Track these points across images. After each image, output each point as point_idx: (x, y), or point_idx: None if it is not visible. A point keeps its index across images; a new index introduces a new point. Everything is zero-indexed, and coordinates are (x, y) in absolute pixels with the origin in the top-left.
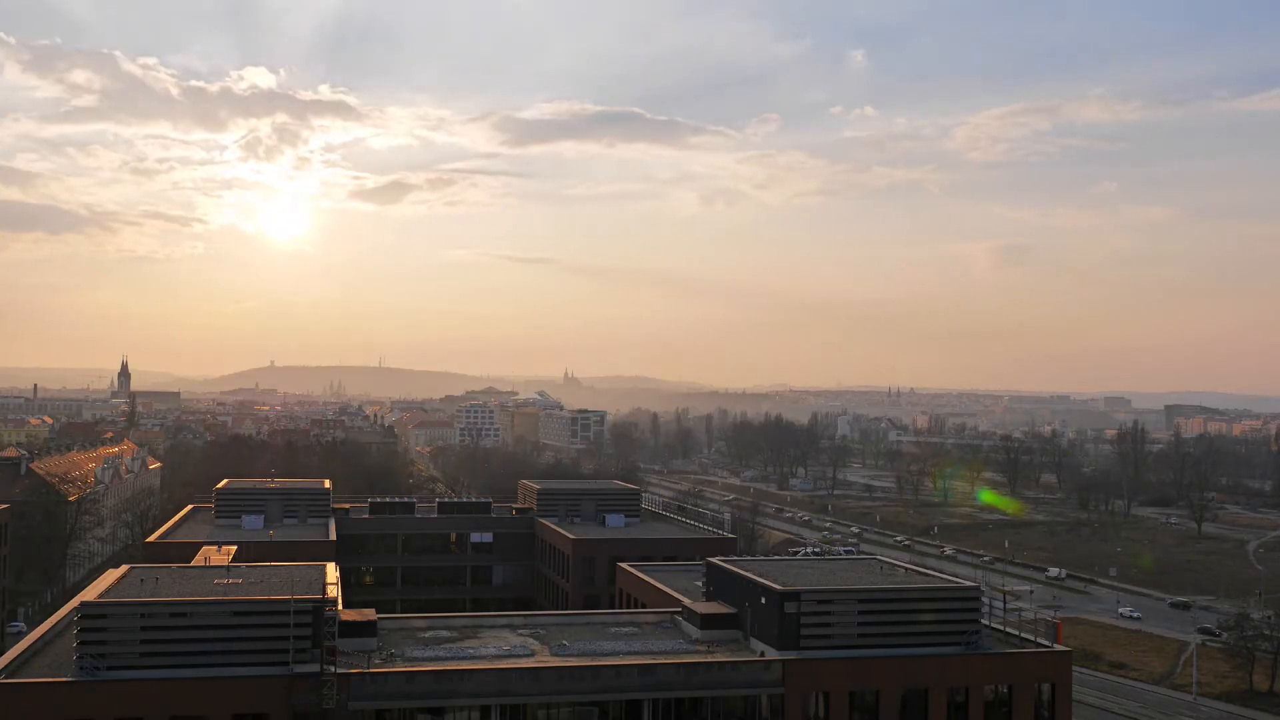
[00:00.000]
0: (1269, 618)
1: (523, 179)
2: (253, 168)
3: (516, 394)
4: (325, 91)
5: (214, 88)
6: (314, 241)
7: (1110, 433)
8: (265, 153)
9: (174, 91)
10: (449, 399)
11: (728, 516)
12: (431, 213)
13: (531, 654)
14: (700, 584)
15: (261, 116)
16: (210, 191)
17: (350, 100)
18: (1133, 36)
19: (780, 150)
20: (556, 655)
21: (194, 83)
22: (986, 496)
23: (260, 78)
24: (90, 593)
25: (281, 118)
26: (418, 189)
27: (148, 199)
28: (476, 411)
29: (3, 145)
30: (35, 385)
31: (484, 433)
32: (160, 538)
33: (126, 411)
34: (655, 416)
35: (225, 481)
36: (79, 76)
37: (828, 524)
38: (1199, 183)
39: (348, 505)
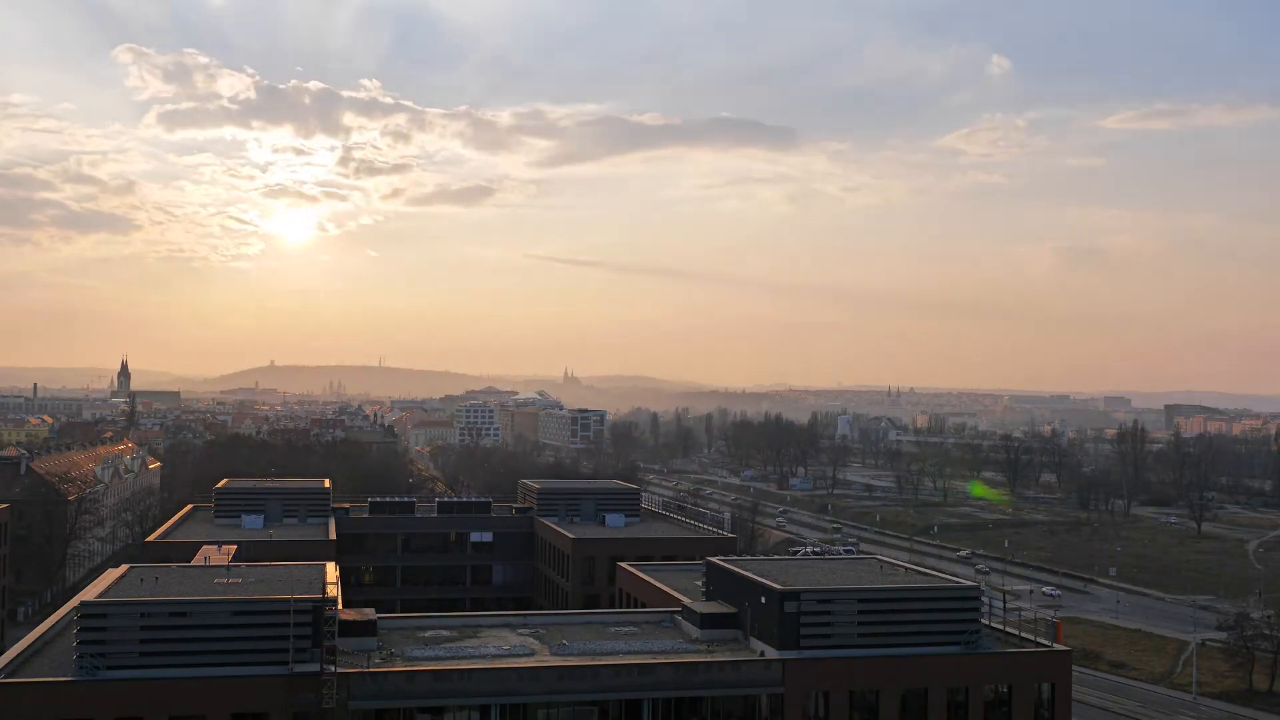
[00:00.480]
0: (1269, 617)
1: (614, 182)
2: (349, 170)
3: (516, 393)
4: (449, 99)
5: (344, 94)
6: (377, 244)
7: (1110, 432)
8: (367, 156)
9: (305, 100)
10: (449, 398)
11: (728, 516)
12: (509, 215)
13: (531, 653)
14: (700, 584)
15: (377, 118)
16: (298, 193)
17: (467, 107)
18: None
19: (888, 155)
20: (556, 655)
21: (315, 84)
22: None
23: (388, 86)
24: (90, 592)
25: (398, 121)
26: (502, 192)
27: (236, 201)
28: (476, 411)
29: (114, 147)
30: (35, 385)
31: (484, 432)
32: (160, 537)
33: (126, 411)
34: (655, 416)
35: (225, 481)
36: (220, 85)
37: (831, 523)
38: (1258, 185)
39: (348, 505)
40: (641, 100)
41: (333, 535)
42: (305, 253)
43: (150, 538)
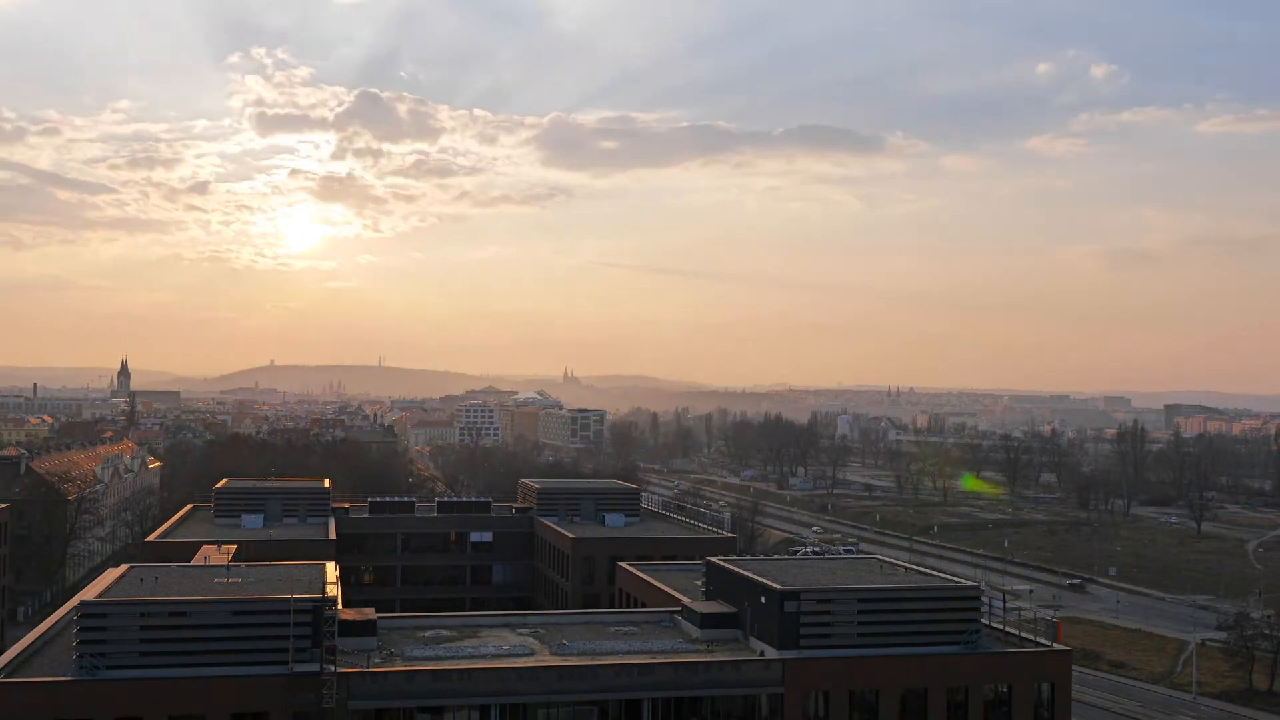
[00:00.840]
0: (1269, 617)
1: (678, 187)
2: (423, 173)
3: (516, 393)
4: (547, 103)
5: (440, 108)
6: (427, 246)
7: (1110, 432)
8: (445, 160)
9: (401, 110)
10: (449, 398)
11: (727, 516)
12: (565, 218)
13: (531, 653)
14: (700, 583)
15: (467, 124)
16: (366, 195)
17: (560, 113)
18: None
19: (965, 159)
20: (556, 655)
21: (410, 96)
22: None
23: (491, 90)
24: (90, 592)
25: (489, 126)
26: (565, 195)
27: (300, 202)
28: (476, 411)
29: (197, 152)
30: (35, 385)
31: (484, 432)
32: (160, 537)
33: (126, 411)
34: (655, 416)
35: (225, 481)
36: (323, 92)
37: (828, 520)
38: None
39: (348, 505)
40: (739, 107)
41: (333, 535)
42: (349, 253)
43: (150, 538)
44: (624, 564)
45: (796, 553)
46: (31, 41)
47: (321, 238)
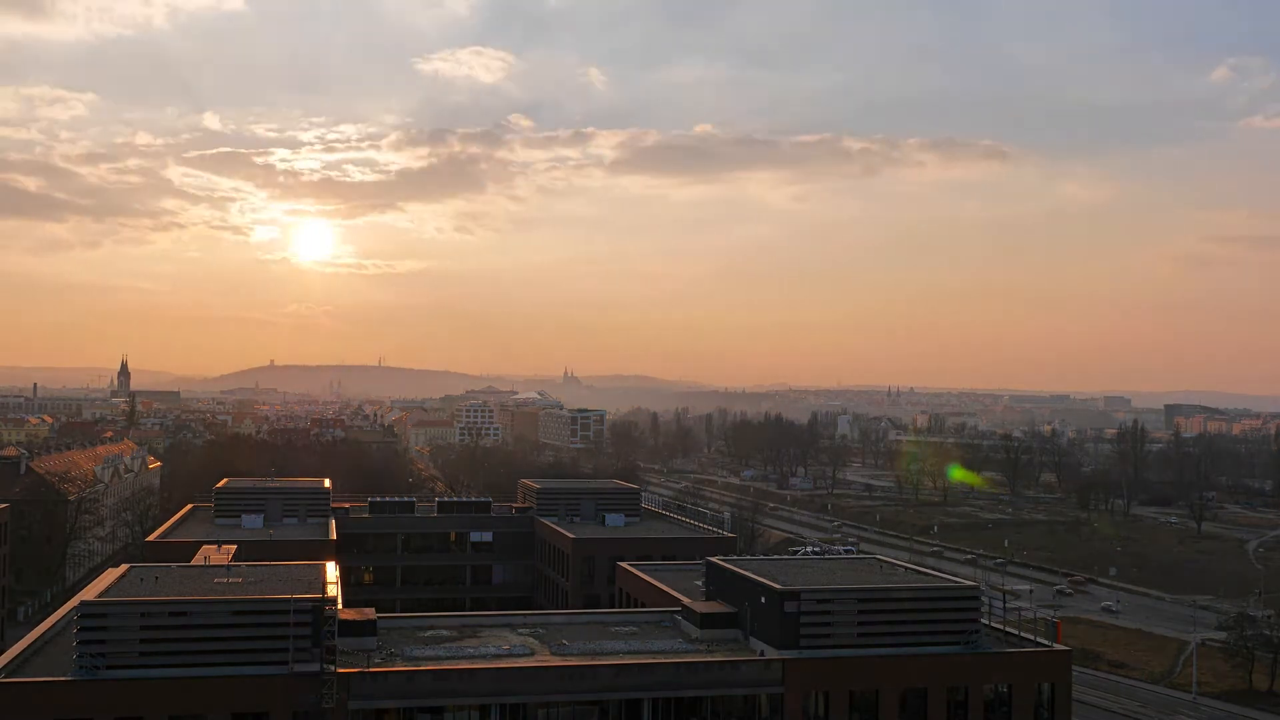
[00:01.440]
0: (1269, 617)
1: (748, 197)
2: (538, 182)
3: (516, 393)
4: (705, 117)
5: (589, 129)
6: (501, 249)
7: (1110, 432)
8: (579, 164)
9: (562, 133)
10: (449, 398)
11: (728, 516)
12: (655, 219)
13: (531, 653)
14: (700, 583)
15: (615, 135)
16: (475, 198)
17: (710, 126)
18: None
19: (1080, 163)
20: (556, 655)
21: (571, 106)
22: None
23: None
24: (90, 592)
25: (639, 134)
26: (666, 199)
27: (411, 207)
28: (476, 411)
29: (333, 160)
30: (35, 385)
31: (484, 432)
32: (160, 537)
33: (126, 410)
34: (655, 416)
35: (225, 481)
36: (478, 108)
37: (831, 522)
38: None
39: (348, 505)
40: (883, 119)
41: (333, 535)
42: (428, 256)
43: (150, 537)
44: (624, 564)
45: (796, 553)
46: (229, 50)
47: (410, 240)
